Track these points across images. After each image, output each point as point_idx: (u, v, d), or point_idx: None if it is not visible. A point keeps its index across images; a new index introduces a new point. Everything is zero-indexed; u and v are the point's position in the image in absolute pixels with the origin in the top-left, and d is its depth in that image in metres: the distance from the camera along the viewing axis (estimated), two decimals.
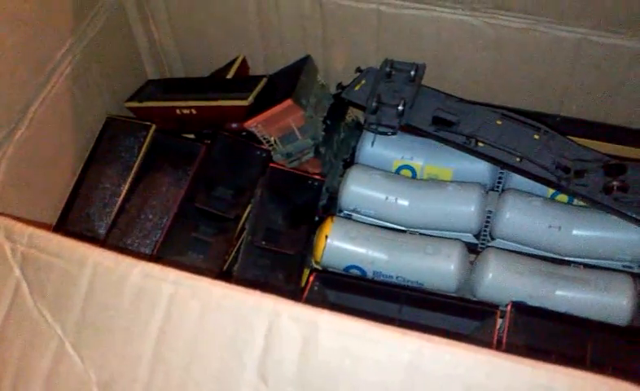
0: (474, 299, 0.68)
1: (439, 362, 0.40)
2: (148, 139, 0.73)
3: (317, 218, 0.73)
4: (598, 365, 0.59)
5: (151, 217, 0.69)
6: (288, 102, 0.71)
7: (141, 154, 0.73)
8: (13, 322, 0.45)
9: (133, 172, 0.72)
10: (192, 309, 0.43)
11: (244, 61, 0.85)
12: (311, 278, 0.64)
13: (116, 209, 0.70)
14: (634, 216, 0.64)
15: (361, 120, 0.77)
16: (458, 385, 0.39)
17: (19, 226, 0.47)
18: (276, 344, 0.41)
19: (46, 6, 0.67)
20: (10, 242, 0.47)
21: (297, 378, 0.40)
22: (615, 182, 0.65)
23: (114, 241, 0.68)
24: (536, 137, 0.70)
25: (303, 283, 0.68)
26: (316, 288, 0.64)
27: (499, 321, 0.61)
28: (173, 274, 0.44)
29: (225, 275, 0.68)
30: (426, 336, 0.40)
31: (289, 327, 0.41)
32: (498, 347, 0.60)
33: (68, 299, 0.44)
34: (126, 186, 0.71)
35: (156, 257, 0.67)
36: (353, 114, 0.85)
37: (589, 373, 0.38)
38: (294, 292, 0.67)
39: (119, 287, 0.44)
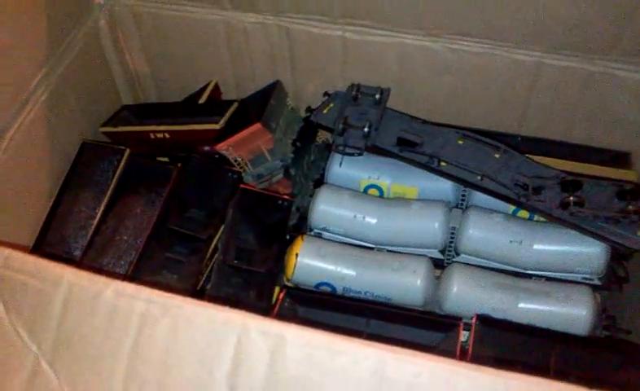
0: (439, 312, 0.70)
1: (402, 372, 0.41)
2: (123, 163, 0.75)
3: (287, 237, 0.74)
4: (561, 374, 0.61)
5: (125, 238, 0.71)
6: (257, 125, 0.73)
7: (115, 177, 0.74)
8: None
9: (108, 195, 0.73)
10: (164, 326, 0.44)
11: (217, 86, 0.86)
12: (281, 295, 0.66)
13: (91, 231, 0.71)
14: (590, 229, 0.67)
15: (331, 142, 0.79)
16: None
17: None
18: (245, 358, 0.42)
19: (22, 34, 0.69)
20: None
21: (265, 389, 0.42)
22: (571, 198, 0.68)
23: (90, 262, 0.69)
24: (496, 156, 0.73)
25: (274, 301, 0.69)
26: (286, 304, 0.65)
27: (463, 332, 0.62)
28: (145, 292, 0.45)
29: (198, 294, 0.69)
30: (389, 346, 0.41)
31: (257, 341, 0.42)
32: (463, 358, 0.61)
33: (44, 318, 0.45)
34: (101, 209, 0.73)
35: (130, 277, 0.68)
36: (324, 136, 0.86)
37: (545, 379, 0.40)
38: (266, 309, 0.68)
39: (93, 306, 0.45)
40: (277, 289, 0.71)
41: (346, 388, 0.41)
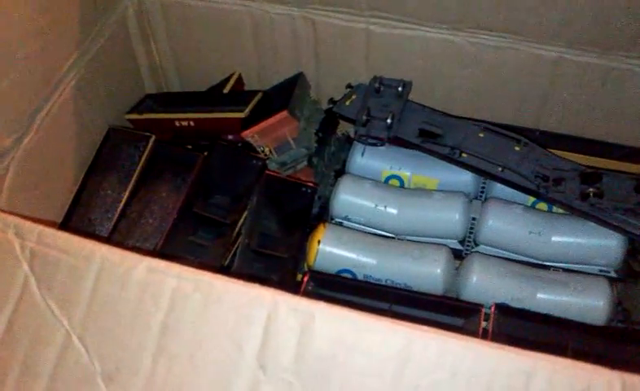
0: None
1: (428, 350, 0.41)
2: (149, 148, 0.75)
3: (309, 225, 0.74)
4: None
5: (150, 221, 0.71)
6: (284, 113, 0.73)
7: (141, 162, 0.75)
8: (21, 315, 0.46)
9: (133, 179, 0.74)
10: (194, 302, 0.44)
11: (240, 78, 0.87)
12: (305, 279, 0.66)
13: (117, 214, 0.71)
14: (609, 221, 0.67)
15: (351, 134, 0.79)
16: (446, 371, 0.41)
17: (28, 224, 0.48)
18: (274, 334, 0.42)
19: (55, 22, 0.69)
20: (19, 239, 0.48)
21: (294, 366, 0.41)
22: (590, 189, 0.68)
23: (115, 245, 0.69)
24: (516, 148, 0.73)
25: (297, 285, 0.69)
26: (310, 288, 0.65)
27: (483, 317, 0.62)
28: (176, 268, 0.45)
29: (225, 269, 0.70)
30: (415, 325, 0.41)
31: (287, 318, 0.42)
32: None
33: (75, 293, 0.45)
34: (127, 193, 0.73)
35: (160, 253, 0.68)
36: (344, 129, 0.86)
37: (569, 360, 0.40)
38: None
39: (124, 282, 0.45)
40: (299, 276, 0.71)
41: (374, 365, 0.41)
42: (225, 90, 0.84)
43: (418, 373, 0.40)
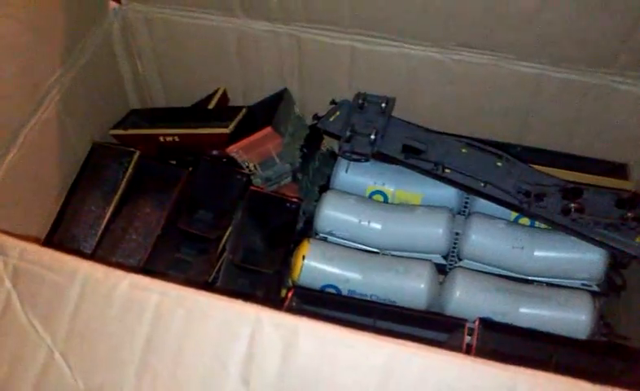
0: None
1: (411, 366, 0.41)
2: (133, 164, 0.75)
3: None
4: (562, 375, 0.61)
5: (134, 237, 0.71)
6: (268, 129, 0.74)
7: (125, 178, 0.75)
8: (3, 332, 0.46)
9: (117, 195, 0.74)
10: (178, 318, 0.44)
11: (224, 93, 0.87)
12: (289, 294, 0.66)
13: (101, 230, 0.71)
14: (590, 235, 0.68)
15: (336, 150, 0.80)
16: (429, 387, 0.41)
17: (11, 240, 0.48)
18: (258, 350, 0.42)
19: (39, 38, 0.69)
20: (2, 255, 0.48)
21: (277, 381, 0.42)
22: (572, 204, 0.68)
23: (99, 261, 0.69)
24: (498, 164, 0.73)
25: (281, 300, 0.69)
26: (294, 304, 0.65)
27: (467, 332, 0.63)
28: (159, 284, 0.45)
29: (209, 285, 0.70)
30: (399, 341, 0.42)
31: (271, 333, 0.43)
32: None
33: (59, 310, 0.45)
34: (111, 209, 0.73)
35: (144, 270, 0.67)
36: (328, 144, 0.87)
37: (550, 374, 0.40)
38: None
39: (108, 298, 0.45)
40: (283, 291, 0.72)
41: (357, 380, 0.41)
42: (210, 106, 0.84)
43: (401, 389, 0.41)
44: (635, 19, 0.65)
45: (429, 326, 0.64)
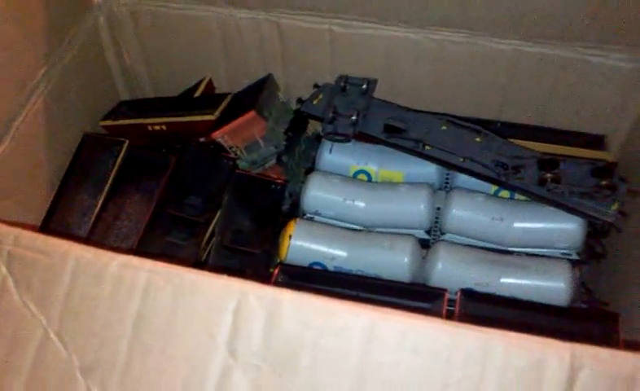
0: None
1: (390, 330, 0.43)
2: (122, 153, 0.77)
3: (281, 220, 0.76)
4: None
5: (126, 223, 0.73)
6: (251, 113, 0.76)
7: (115, 167, 0.77)
8: (0, 315, 0.48)
9: (108, 183, 0.76)
10: (166, 295, 0.46)
11: (210, 82, 0.89)
12: (276, 271, 0.67)
13: (93, 217, 0.74)
14: (567, 204, 0.70)
15: (321, 133, 0.81)
16: (408, 349, 0.43)
17: (4, 227, 0.50)
18: (243, 322, 0.44)
19: (25, 32, 0.71)
20: None
21: (262, 351, 0.44)
22: (548, 175, 0.70)
23: (91, 245, 0.71)
24: (477, 139, 0.75)
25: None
26: (280, 280, 0.67)
27: (447, 300, 0.64)
28: (148, 263, 0.47)
29: (201, 264, 0.72)
30: (378, 307, 0.43)
31: (255, 305, 0.44)
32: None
33: (52, 291, 0.47)
34: (102, 197, 0.75)
35: (135, 250, 0.70)
36: (314, 128, 0.89)
37: (524, 334, 0.42)
38: None
39: (99, 278, 0.47)
40: (271, 270, 0.73)
41: (338, 345, 0.43)
42: (197, 95, 0.86)
43: (382, 352, 0.43)
44: None
45: (411, 296, 0.66)
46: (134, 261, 0.47)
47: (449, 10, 0.73)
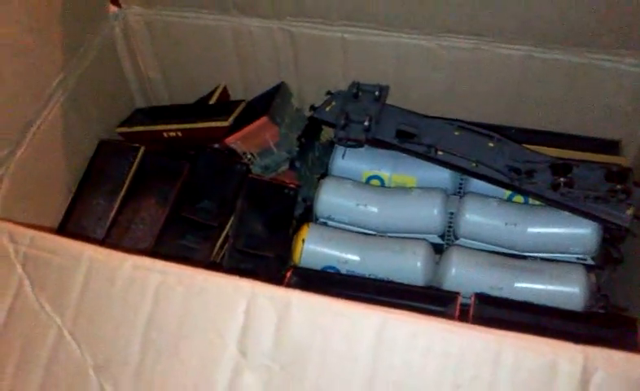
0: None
1: (400, 332, 0.43)
2: (138, 159, 0.78)
3: (294, 224, 0.76)
4: None
5: (141, 227, 0.73)
6: (264, 119, 0.77)
7: (131, 172, 0.78)
8: (16, 315, 0.48)
9: (124, 188, 0.77)
10: (178, 295, 0.46)
11: (225, 89, 0.90)
12: (288, 274, 0.68)
13: (109, 221, 0.75)
14: (580, 208, 0.69)
15: (334, 138, 0.82)
16: (419, 351, 0.43)
17: (21, 229, 0.51)
18: (254, 322, 0.44)
19: (44, 39, 0.72)
20: (13, 244, 0.50)
21: (273, 351, 0.44)
22: (561, 179, 0.70)
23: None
24: (490, 144, 0.75)
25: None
26: (293, 282, 0.67)
27: (460, 304, 0.64)
28: (160, 264, 0.47)
29: (216, 266, 0.73)
30: (389, 309, 0.43)
31: (265, 306, 0.45)
32: None
33: (66, 291, 0.48)
34: (118, 201, 0.76)
35: (149, 253, 0.70)
36: (328, 135, 0.89)
37: (534, 336, 0.42)
38: None
39: (112, 278, 0.47)
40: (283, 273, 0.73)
41: (348, 346, 0.43)
42: (211, 102, 0.87)
43: (392, 353, 0.43)
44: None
45: (424, 300, 0.65)
46: (146, 262, 0.48)
47: (459, 17, 0.73)
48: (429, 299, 0.66)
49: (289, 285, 0.67)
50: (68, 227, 0.74)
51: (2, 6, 0.66)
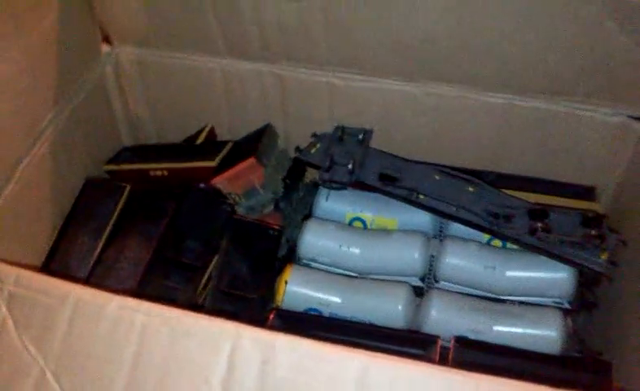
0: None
1: (383, 375, 0.44)
2: (124, 198, 0.79)
3: (277, 265, 0.76)
4: None
5: (126, 266, 0.73)
6: (251, 160, 0.77)
7: (117, 211, 0.78)
8: None
9: (109, 227, 0.77)
10: (163, 336, 0.46)
11: (212, 130, 0.90)
12: (271, 316, 0.68)
13: (93, 260, 0.74)
14: (557, 253, 0.70)
15: (318, 180, 0.82)
16: None
17: (6, 267, 0.51)
18: (238, 364, 0.44)
19: (37, 78, 0.73)
20: None
21: None
22: (539, 224, 0.71)
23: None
24: (470, 189, 0.76)
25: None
26: (275, 325, 0.67)
27: (440, 347, 0.64)
28: (145, 305, 0.47)
29: (199, 307, 0.73)
30: (371, 352, 0.44)
31: (249, 348, 0.45)
32: None
33: (51, 331, 0.47)
34: (103, 240, 0.76)
35: (138, 291, 0.70)
36: (312, 176, 0.90)
37: (512, 380, 0.43)
38: None
39: (97, 319, 0.47)
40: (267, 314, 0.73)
41: (333, 390, 0.43)
42: (198, 142, 0.87)
43: None
44: (591, 52, 0.69)
45: (404, 343, 0.66)
46: (132, 302, 0.47)
47: (442, 66, 0.75)
48: (410, 342, 0.66)
49: (272, 327, 0.67)
50: (53, 265, 0.74)
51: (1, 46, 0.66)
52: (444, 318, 0.71)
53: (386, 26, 0.73)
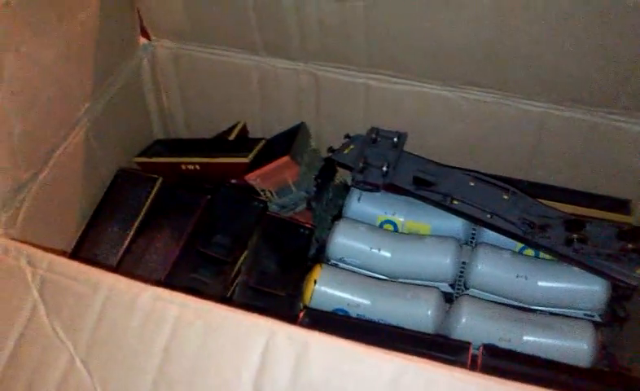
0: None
1: (418, 379, 0.42)
2: (155, 190, 0.77)
3: (307, 264, 0.75)
4: None
5: (155, 257, 0.72)
6: (286, 158, 0.76)
7: (148, 202, 0.77)
8: (28, 338, 0.47)
9: (139, 218, 0.75)
10: (196, 329, 0.45)
11: (244, 127, 0.89)
12: (301, 314, 0.66)
13: (122, 250, 0.73)
14: (592, 265, 0.68)
15: (349, 182, 0.81)
16: None
17: (40, 252, 0.50)
18: (271, 362, 0.43)
19: (76, 66, 0.72)
20: (31, 266, 0.49)
21: None
22: (574, 236, 0.69)
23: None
24: (505, 197, 0.74)
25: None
26: (305, 323, 0.65)
27: (471, 353, 0.63)
28: (179, 297, 0.46)
29: (228, 300, 0.71)
30: (406, 355, 0.42)
31: (283, 346, 0.43)
32: None
33: (82, 319, 0.46)
34: (133, 230, 0.74)
35: (166, 283, 0.69)
36: (342, 177, 0.88)
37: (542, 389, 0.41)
38: None
39: (129, 309, 0.46)
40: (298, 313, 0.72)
41: None
42: (230, 138, 0.86)
43: None
44: (633, 63, 0.66)
45: (435, 348, 0.64)
46: (165, 293, 0.46)
47: (480, 71, 0.73)
48: (440, 347, 0.65)
49: (302, 326, 0.65)
50: (81, 253, 0.73)
51: (41, 32, 0.65)
52: (475, 325, 0.69)
53: (427, 31, 0.71)
